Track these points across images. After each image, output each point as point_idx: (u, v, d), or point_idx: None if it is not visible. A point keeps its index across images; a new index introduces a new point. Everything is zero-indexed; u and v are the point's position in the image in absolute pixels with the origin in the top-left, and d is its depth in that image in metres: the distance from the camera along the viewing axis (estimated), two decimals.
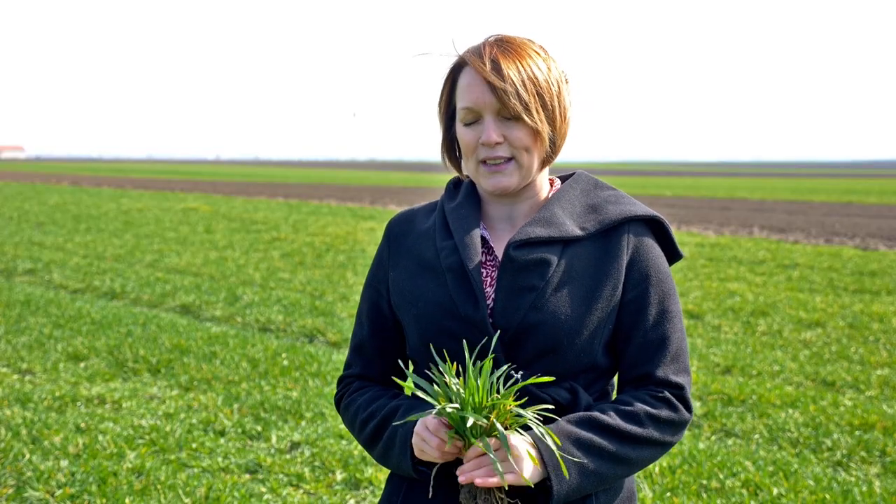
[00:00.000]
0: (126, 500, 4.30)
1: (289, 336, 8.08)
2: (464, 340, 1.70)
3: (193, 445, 5.06)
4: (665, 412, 1.73)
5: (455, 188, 1.92)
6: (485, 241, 1.82)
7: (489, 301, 1.76)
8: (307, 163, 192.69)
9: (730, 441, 5.30)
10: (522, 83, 1.71)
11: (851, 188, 48.81)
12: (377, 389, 1.89)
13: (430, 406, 1.64)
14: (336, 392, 1.96)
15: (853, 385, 6.48)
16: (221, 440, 5.19)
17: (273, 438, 5.19)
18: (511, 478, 1.59)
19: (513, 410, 1.59)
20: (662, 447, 1.74)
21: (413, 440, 1.68)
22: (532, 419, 1.59)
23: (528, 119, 1.71)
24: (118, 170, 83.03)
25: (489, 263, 1.81)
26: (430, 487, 1.69)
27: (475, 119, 1.75)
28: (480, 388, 1.56)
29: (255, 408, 5.78)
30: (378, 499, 4.41)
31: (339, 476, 4.65)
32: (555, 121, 1.76)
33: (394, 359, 1.90)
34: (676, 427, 1.75)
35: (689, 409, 1.77)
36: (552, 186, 1.89)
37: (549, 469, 1.63)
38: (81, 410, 5.72)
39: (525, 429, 1.65)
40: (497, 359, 1.69)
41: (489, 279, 1.79)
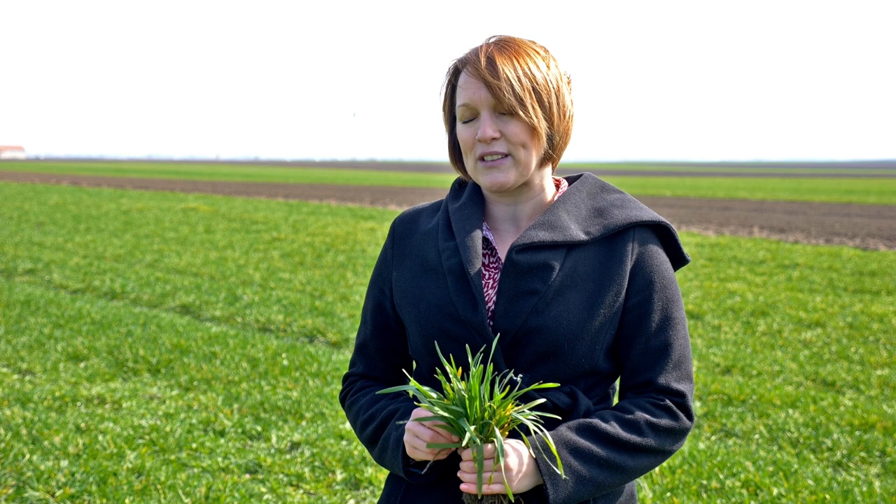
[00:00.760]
0: (126, 500, 4.30)
1: (289, 336, 8.08)
2: (466, 344, 1.70)
3: (193, 445, 5.06)
4: (665, 421, 1.72)
5: (460, 188, 1.91)
6: (488, 243, 1.82)
7: (490, 304, 1.75)
8: (307, 163, 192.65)
9: (730, 441, 5.30)
10: (518, 79, 1.71)
11: (851, 188, 48.81)
12: (379, 390, 1.89)
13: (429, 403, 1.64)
14: (341, 390, 1.97)
15: (853, 385, 6.48)
16: (221, 440, 5.19)
17: (273, 438, 5.19)
18: (496, 487, 1.59)
19: (513, 416, 1.58)
20: (662, 456, 1.74)
21: (405, 437, 1.68)
22: (534, 425, 1.59)
23: (524, 114, 1.70)
24: (118, 170, 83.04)
25: (492, 265, 1.80)
26: (426, 471, 1.68)
27: (473, 116, 1.75)
28: (482, 393, 1.56)
29: (255, 408, 5.78)
30: (378, 499, 4.41)
31: (339, 476, 4.65)
32: (552, 118, 1.75)
33: (396, 358, 1.91)
34: (676, 436, 1.74)
35: (690, 418, 1.75)
36: (558, 188, 1.88)
37: (545, 477, 1.62)
38: (81, 410, 5.72)
39: (525, 430, 1.65)
40: (497, 362, 1.69)
41: (491, 281, 1.78)
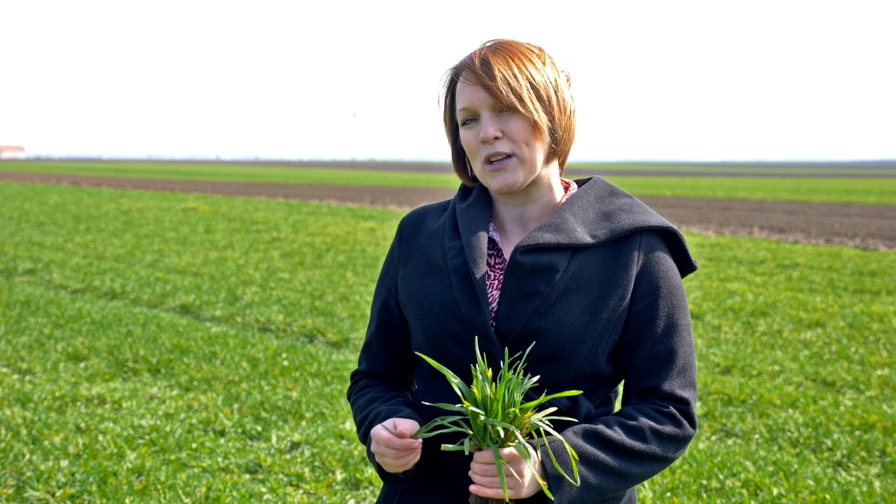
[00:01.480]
0: (126, 500, 4.30)
1: (289, 336, 8.08)
2: (470, 344, 1.71)
3: (193, 445, 5.06)
4: (669, 428, 1.72)
5: (468, 189, 1.91)
6: (494, 243, 1.81)
7: (493, 305, 1.75)
8: (307, 163, 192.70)
9: (730, 441, 5.30)
10: (514, 76, 1.71)
11: (851, 188, 48.81)
12: (378, 389, 1.89)
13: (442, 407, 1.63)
14: (349, 387, 1.98)
15: (853, 385, 6.48)
16: (221, 440, 5.19)
17: (273, 438, 5.19)
18: (511, 493, 1.59)
19: (532, 421, 1.58)
20: (664, 462, 1.73)
21: (372, 449, 1.69)
22: (553, 431, 1.59)
23: (523, 109, 1.70)
24: (118, 170, 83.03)
25: (497, 266, 1.79)
26: (410, 476, 1.68)
27: (473, 119, 1.75)
28: (505, 397, 1.55)
29: (255, 408, 5.78)
30: (377, 498, 4.41)
31: (339, 476, 4.65)
32: (553, 112, 1.75)
33: (400, 356, 1.91)
34: (679, 443, 1.74)
35: (694, 425, 1.75)
36: (567, 190, 1.87)
37: (551, 482, 1.62)
38: (81, 410, 5.72)
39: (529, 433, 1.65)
40: (499, 364, 1.69)
41: (496, 282, 1.78)
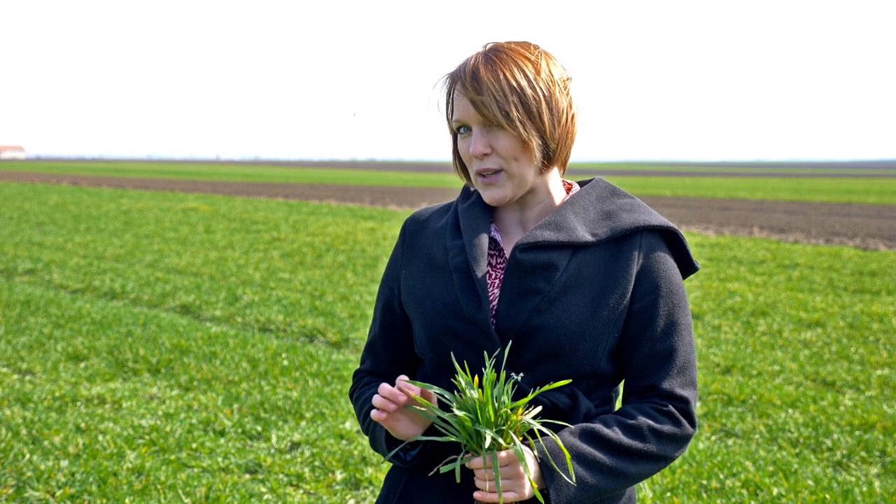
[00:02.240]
0: (126, 500, 4.30)
1: (289, 336, 8.08)
2: (472, 343, 1.71)
3: (193, 445, 5.06)
4: (668, 427, 1.72)
5: (471, 189, 1.91)
6: (495, 243, 1.81)
7: (494, 302, 1.75)
8: (307, 163, 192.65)
9: (730, 441, 5.30)
10: (502, 91, 1.69)
11: (851, 188, 48.81)
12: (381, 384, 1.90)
13: (434, 412, 1.63)
14: (350, 386, 1.99)
15: (853, 385, 6.48)
16: (221, 440, 5.19)
17: (273, 438, 5.19)
18: (511, 496, 1.60)
19: (524, 422, 1.58)
20: (663, 462, 1.73)
21: (373, 413, 1.67)
22: (548, 432, 1.59)
23: (510, 128, 1.69)
24: (118, 170, 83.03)
25: (499, 266, 1.80)
26: (412, 455, 1.68)
27: (466, 128, 1.75)
28: (494, 399, 1.56)
29: (255, 408, 5.78)
30: (377, 498, 4.41)
31: (339, 476, 4.65)
32: (544, 126, 1.72)
33: (403, 356, 1.92)
34: (679, 442, 1.74)
35: (693, 424, 1.75)
36: (569, 192, 1.87)
37: (549, 483, 1.63)
38: (81, 410, 5.72)
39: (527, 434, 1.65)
40: (499, 364, 1.69)
41: (497, 280, 1.78)
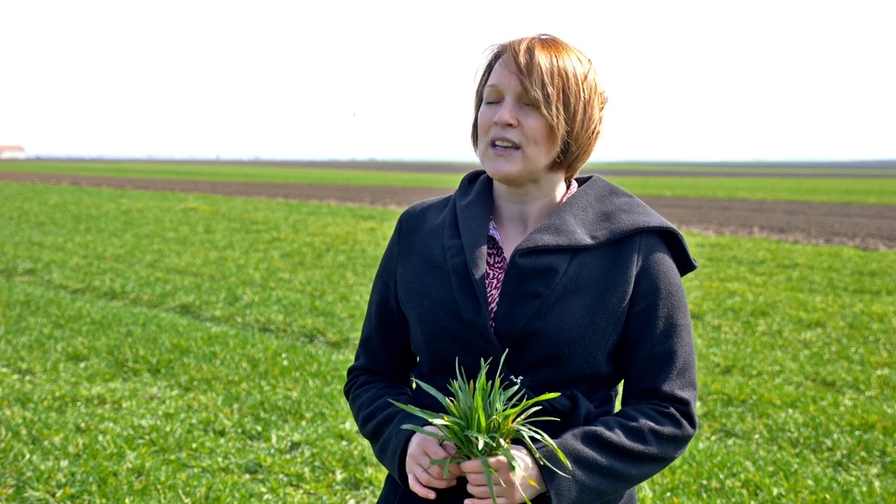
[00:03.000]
0: (126, 500, 4.30)
1: (289, 336, 8.08)
2: (465, 347, 1.71)
3: (193, 445, 5.06)
4: (669, 428, 1.72)
5: (469, 184, 1.89)
6: (494, 242, 1.80)
7: (493, 305, 1.74)
8: (307, 163, 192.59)
9: (730, 441, 5.30)
10: (550, 74, 1.70)
11: (851, 188, 48.82)
12: (381, 386, 1.89)
13: (425, 418, 1.62)
14: (346, 383, 1.97)
15: (853, 385, 6.48)
16: (221, 440, 5.19)
17: (273, 438, 5.19)
18: (502, 501, 1.59)
19: (519, 428, 1.57)
20: (664, 463, 1.73)
21: (408, 462, 1.68)
22: (541, 437, 1.58)
23: (546, 110, 1.69)
24: (118, 170, 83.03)
25: (497, 265, 1.79)
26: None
27: (497, 99, 1.74)
28: (487, 406, 1.55)
29: (255, 408, 5.78)
30: (377, 499, 4.41)
31: (339, 476, 4.65)
32: (574, 123, 1.73)
33: (400, 352, 1.90)
34: (679, 443, 1.74)
35: (693, 425, 1.75)
36: (568, 189, 1.86)
37: (550, 488, 1.62)
38: (81, 410, 5.72)
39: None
40: (498, 366, 1.69)
41: (495, 281, 1.77)
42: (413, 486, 1.66)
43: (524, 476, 1.60)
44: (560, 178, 1.82)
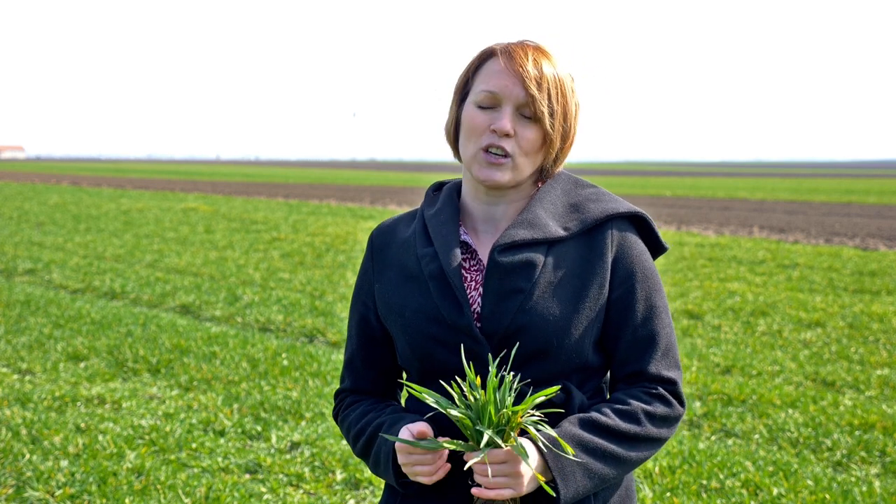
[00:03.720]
0: (126, 500, 4.30)
1: (289, 336, 8.08)
2: (459, 348, 1.71)
3: (193, 445, 5.06)
4: (660, 408, 1.74)
5: (434, 194, 1.91)
6: (467, 246, 1.81)
7: (476, 306, 1.76)
8: (307, 163, 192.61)
9: (730, 441, 5.30)
10: (556, 88, 1.73)
11: (851, 188, 48.81)
12: (368, 403, 1.89)
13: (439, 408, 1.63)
14: (334, 407, 1.97)
15: (853, 385, 6.48)
16: (221, 440, 5.19)
17: (273, 438, 5.19)
18: (508, 493, 1.60)
19: (525, 421, 1.59)
20: (659, 443, 1.75)
21: (401, 460, 1.69)
22: (545, 427, 1.60)
23: (549, 124, 1.72)
24: (118, 170, 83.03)
25: (473, 268, 1.80)
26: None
27: (493, 105, 1.74)
28: (497, 400, 1.57)
29: (255, 408, 5.78)
30: (378, 499, 4.41)
31: (339, 476, 4.65)
32: (568, 137, 1.79)
33: (384, 370, 1.91)
34: (671, 422, 1.76)
35: (683, 404, 1.78)
36: (535, 186, 1.88)
37: (556, 475, 1.63)
38: (81, 410, 5.72)
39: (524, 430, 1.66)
40: (487, 364, 1.69)
41: (474, 283, 1.78)
42: (424, 481, 1.67)
43: (526, 472, 1.62)
44: (533, 180, 1.84)
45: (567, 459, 1.64)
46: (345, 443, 5.10)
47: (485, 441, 1.55)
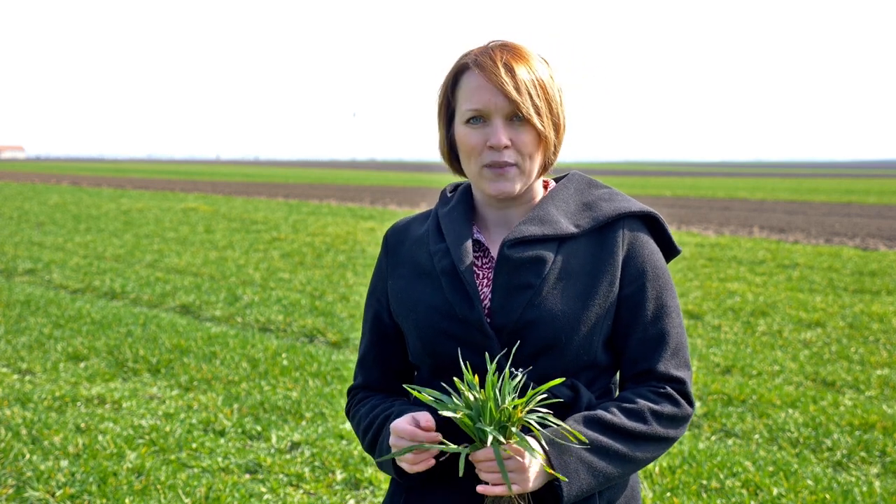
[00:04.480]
0: (126, 500, 4.30)
1: (289, 336, 8.08)
2: (467, 342, 1.71)
3: (193, 445, 5.06)
4: (668, 408, 1.74)
5: (450, 194, 1.92)
6: (480, 244, 1.83)
7: (486, 301, 1.77)
8: (307, 163, 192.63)
9: (730, 441, 5.30)
10: (535, 86, 1.73)
11: (851, 188, 48.81)
12: (378, 398, 1.90)
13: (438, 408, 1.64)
14: (346, 404, 1.98)
15: (853, 385, 6.48)
16: (221, 440, 5.19)
17: (273, 438, 5.19)
18: (516, 488, 1.60)
19: (525, 417, 1.59)
20: (666, 443, 1.75)
21: (391, 444, 1.70)
22: (548, 423, 1.60)
23: (539, 123, 1.72)
24: (118, 170, 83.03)
25: (485, 266, 1.81)
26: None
27: (481, 119, 1.75)
28: (497, 396, 1.57)
29: (255, 408, 5.78)
30: (378, 499, 4.41)
31: (339, 476, 4.65)
32: (559, 128, 1.78)
33: (396, 367, 1.92)
34: (679, 422, 1.75)
35: (691, 404, 1.77)
36: (546, 188, 1.89)
37: (559, 472, 1.63)
38: (81, 410, 5.72)
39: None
40: (501, 362, 1.69)
41: (486, 280, 1.79)
42: (406, 468, 1.68)
43: (537, 462, 1.62)
44: (540, 178, 1.85)
45: (570, 457, 1.64)
46: (345, 443, 5.10)
47: (490, 440, 1.55)
